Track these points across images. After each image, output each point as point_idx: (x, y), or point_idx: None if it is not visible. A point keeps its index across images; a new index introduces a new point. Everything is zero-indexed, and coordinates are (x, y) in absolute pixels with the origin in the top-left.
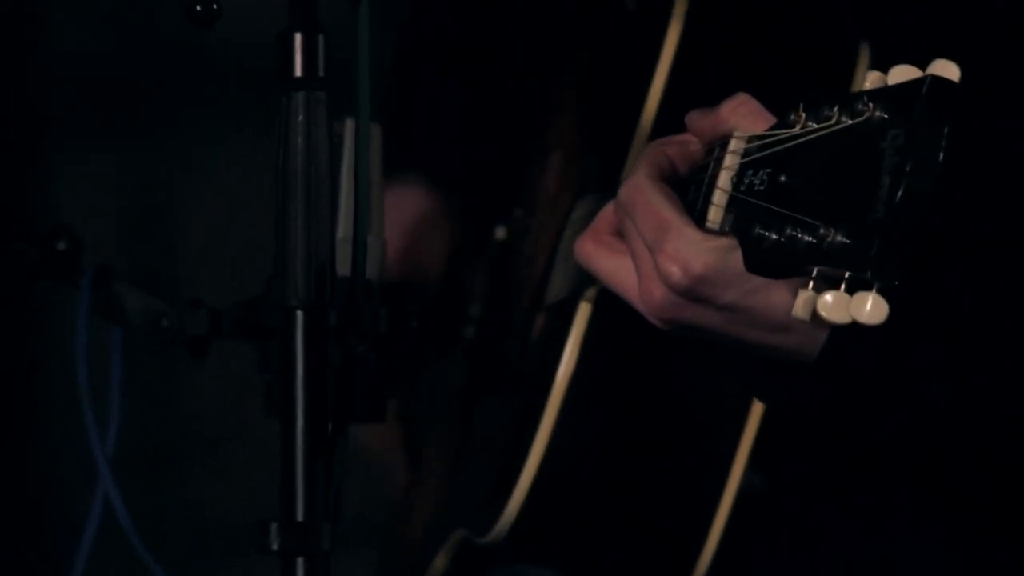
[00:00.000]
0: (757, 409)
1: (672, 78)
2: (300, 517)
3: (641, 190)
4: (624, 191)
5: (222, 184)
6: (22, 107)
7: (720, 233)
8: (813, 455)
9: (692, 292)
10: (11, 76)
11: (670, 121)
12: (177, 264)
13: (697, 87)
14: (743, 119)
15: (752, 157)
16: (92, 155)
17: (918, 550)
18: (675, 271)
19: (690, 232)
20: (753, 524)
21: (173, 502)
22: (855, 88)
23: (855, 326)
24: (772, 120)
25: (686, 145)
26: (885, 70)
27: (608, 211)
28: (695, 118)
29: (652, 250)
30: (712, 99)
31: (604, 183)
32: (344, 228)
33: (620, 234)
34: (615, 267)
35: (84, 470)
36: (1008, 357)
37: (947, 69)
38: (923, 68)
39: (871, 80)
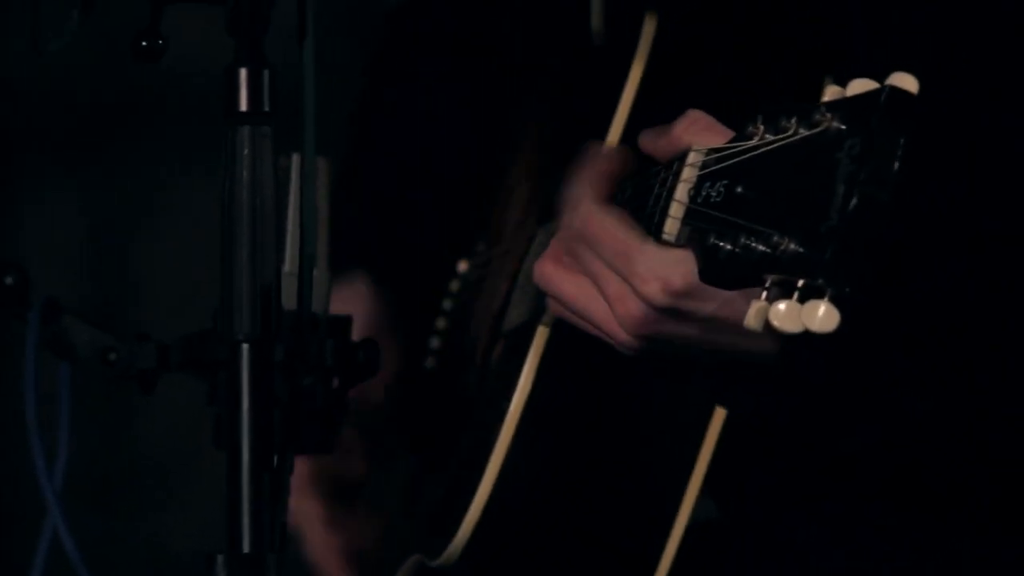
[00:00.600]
0: (714, 430)
1: (635, 112)
2: (246, 549)
3: (593, 217)
4: (576, 221)
5: (173, 217)
6: None
7: (676, 245)
8: (778, 465)
9: (674, 307)
10: None
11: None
12: (126, 298)
13: (660, 118)
14: (698, 135)
15: (710, 170)
16: (43, 189)
17: (886, 558)
18: (655, 290)
19: (653, 250)
20: (710, 547)
21: (122, 535)
22: None
23: (807, 335)
24: (728, 133)
25: (619, 157)
26: (844, 85)
27: (561, 236)
28: (649, 138)
29: (622, 273)
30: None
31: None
32: (291, 262)
33: (575, 257)
34: (576, 290)
35: (33, 504)
36: (976, 367)
37: (905, 81)
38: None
39: (829, 93)
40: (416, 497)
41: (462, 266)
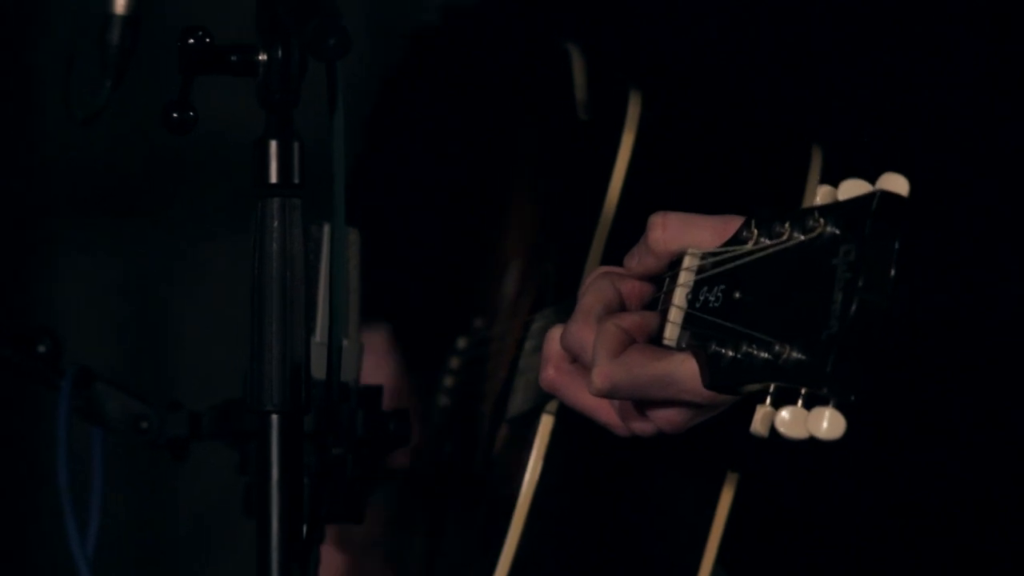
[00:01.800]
0: (724, 504)
1: (628, 185)
2: None
3: (584, 334)
4: (572, 337)
5: (207, 285)
6: (11, 206)
7: (677, 349)
8: (788, 536)
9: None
10: None
11: (627, 228)
12: (161, 366)
13: (653, 193)
14: (678, 237)
15: (707, 274)
16: (77, 256)
17: None
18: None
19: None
20: None
21: None
22: (808, 195)
23: (813, 440)
24: (703, 221)
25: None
26: (835, 181)
27: (554, 337)
28: (635, 262)
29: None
30: (668, 201)
31: (562, 291)
32: (321, 332)
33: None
34: (596, 404)
35: (66, 572)
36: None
37: (896, 183)
38: (874, 177)
39: (821, 195)
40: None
41: (461, 342)
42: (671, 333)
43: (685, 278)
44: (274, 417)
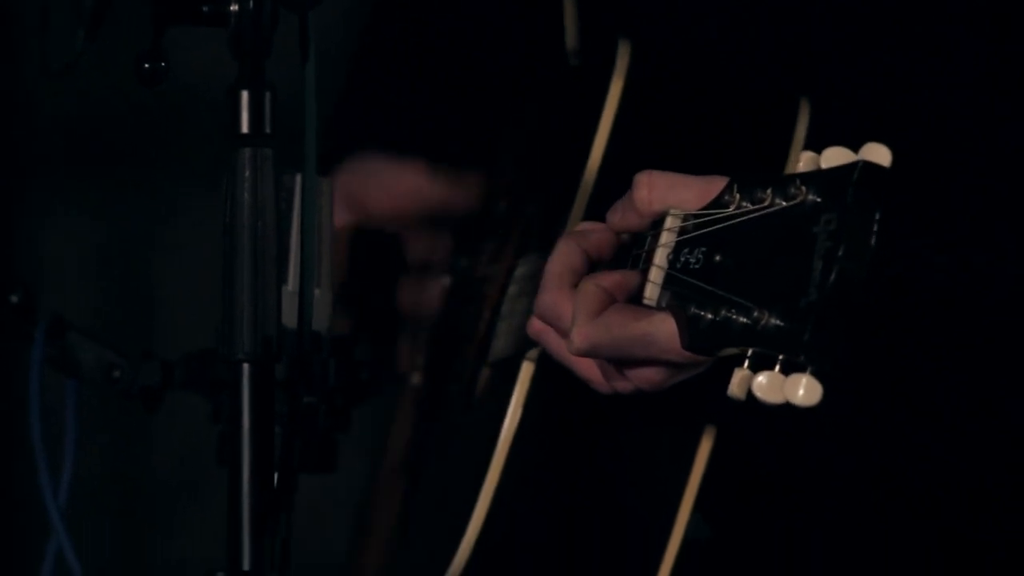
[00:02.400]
0: (702, 457)
1: (614, 133)
2: (246, 567)
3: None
4: (544, 306)
5: (182, 236)
6: None
7: (657, 308)
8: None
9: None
10: None
11: (612, 176)
12: (135, 316)
13: (639, 141)
14: (663, 197)
15: (688, 235)
16: (52, 208)
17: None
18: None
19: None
20: (704, 564)
21: (128, 553)
22: (796, 147)
23: (789, 406)
24: (689, 182)
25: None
26: (830, 138)
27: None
28: (617, 217)
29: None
30: (654, 154)
31: (546, 237)
32: (293, 281)
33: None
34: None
35: (37, 522)
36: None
37: (878, 153)
38: (857, 145)
39: (805, 161)
40: (407, 521)
41: (444, 281)
42: (651, 293)
43: (667, 238)
44: (245, 366)
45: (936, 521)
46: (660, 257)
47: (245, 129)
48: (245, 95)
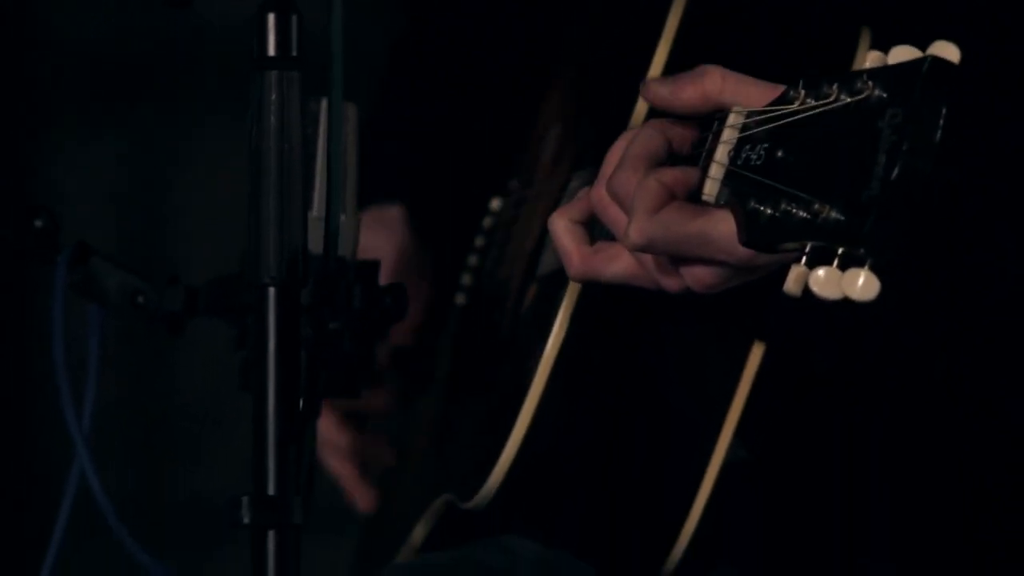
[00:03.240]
0: (746, 382)
1: (674, 53)
2: (272, 491)
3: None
4: (619, 183)
5: (205, 162)
6: (9, 87)
7: (716, 206)
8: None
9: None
10: None
11: None
12: (160, 242)
13: (700, 60)
14: (732, 90)
15: (750, 132)
16: (75, 136)
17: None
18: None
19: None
20: (738, 497)
21: (152, 480)
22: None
23: (847, 302)
24: (755, 83)
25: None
26: (886, 50)
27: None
28: (677, 87)
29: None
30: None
31: (602, 153)
32: (319, 207)
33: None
34: (627, 270)
35: (62, 448)
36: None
37: (947, 50)
38: (924, 50)
39: (871, 59)
40: (444, 437)
41: (495, 203)
42: (711, 189)
43: (728, 135)
44: (271, 290)
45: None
46: (721, 154)
47: (272, 52)
48: (272, 17)
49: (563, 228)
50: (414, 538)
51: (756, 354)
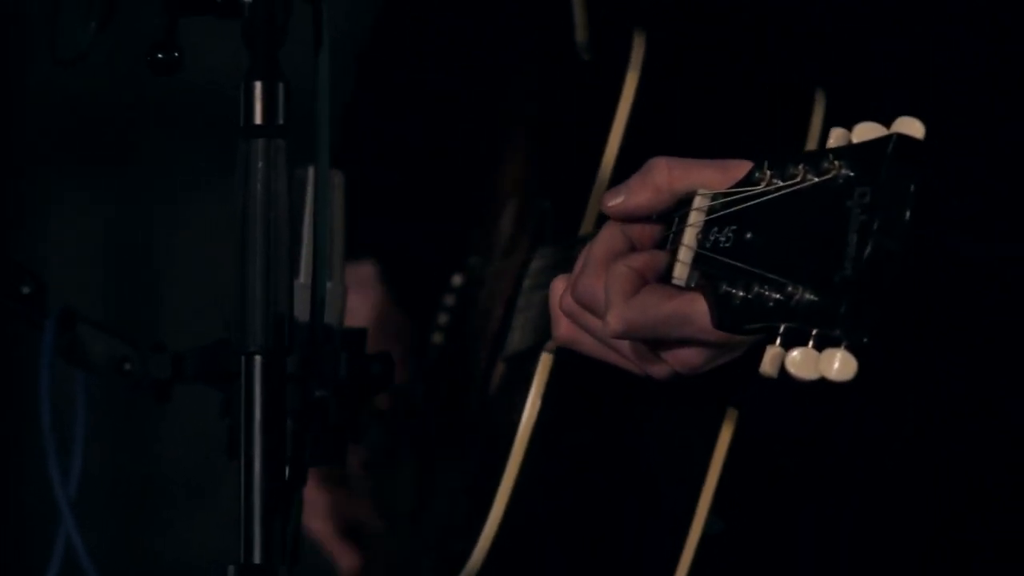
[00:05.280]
0: (720, 454)
1: (631, 126)
2: (257, 560)
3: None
4: (584, 288)
5: (192, 227)
6: None
7: (686, 289)
8: (784, 477)
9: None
10: None
11: (630, 168)
12: (145, 307)
13: (656, 135)
14: (683, 177)
15: (717, 215)
16: (63, 198)
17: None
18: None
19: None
20: (720, 560)
21: (137, 546)
22: (812, 137)
23: (824, 382)
24: (703, 162)
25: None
26: (847, 125)
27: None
28: (630, 200)
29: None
30: (672, 146)
31: (561, 231)
32: (306, 274)
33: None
34: (610, 352)
35: (47, 513)
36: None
37: (912, 127)
38: (886, 123)
39: (835, 137)
40: (424, 504)
41: (456, 279)
42: (680, 272)
43: (695, 218)
44: (257, 358)
45: (969, 503)
46: (689, 237)
47: (259, 120)
48: (259, 86)
49: (557, 288)
50: None
51: (729, 424)
